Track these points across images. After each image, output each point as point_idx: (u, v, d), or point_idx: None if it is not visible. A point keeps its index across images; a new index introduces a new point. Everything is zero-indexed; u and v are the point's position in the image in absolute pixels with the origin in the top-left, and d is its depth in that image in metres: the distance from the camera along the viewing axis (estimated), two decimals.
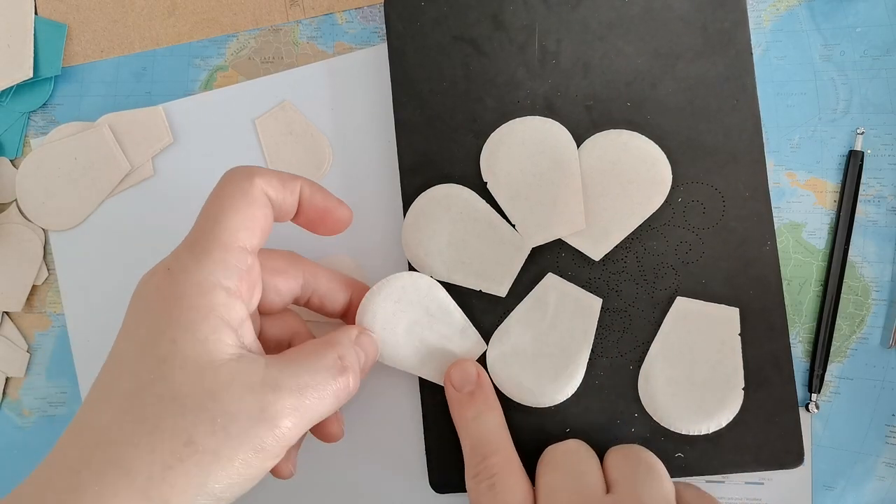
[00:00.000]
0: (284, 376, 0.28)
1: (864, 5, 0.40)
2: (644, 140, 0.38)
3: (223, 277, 0.28)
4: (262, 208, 0.30)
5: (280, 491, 0.39)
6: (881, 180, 0.39)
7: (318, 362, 0.29)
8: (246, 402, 0.26)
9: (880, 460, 0.38)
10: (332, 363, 0.30)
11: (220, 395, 0.26)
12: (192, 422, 0.26)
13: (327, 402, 0.29)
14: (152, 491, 0.25)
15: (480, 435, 0.34)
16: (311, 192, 0.32)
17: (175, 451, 0.25)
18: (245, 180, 0.30)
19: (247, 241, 0.29)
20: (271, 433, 0.27)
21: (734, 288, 0.37)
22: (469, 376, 0.36)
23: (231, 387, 0.27)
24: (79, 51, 0.43)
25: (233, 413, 0.26)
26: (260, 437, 0.26)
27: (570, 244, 0.37)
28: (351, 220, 0.34)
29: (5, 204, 0.42)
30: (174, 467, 0.25)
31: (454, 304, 0.37)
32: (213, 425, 0.26)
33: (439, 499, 0.39)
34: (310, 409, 0.28)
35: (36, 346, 0.42)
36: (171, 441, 0.25)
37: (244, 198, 0.29)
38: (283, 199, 0.31)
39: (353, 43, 0.41)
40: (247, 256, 0.29)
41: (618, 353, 0.37)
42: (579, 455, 0.34)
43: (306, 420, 0.28)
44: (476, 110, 0.39)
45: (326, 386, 0.29)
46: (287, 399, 0.27)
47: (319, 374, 0.29)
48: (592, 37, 0.39)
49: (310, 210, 0.33)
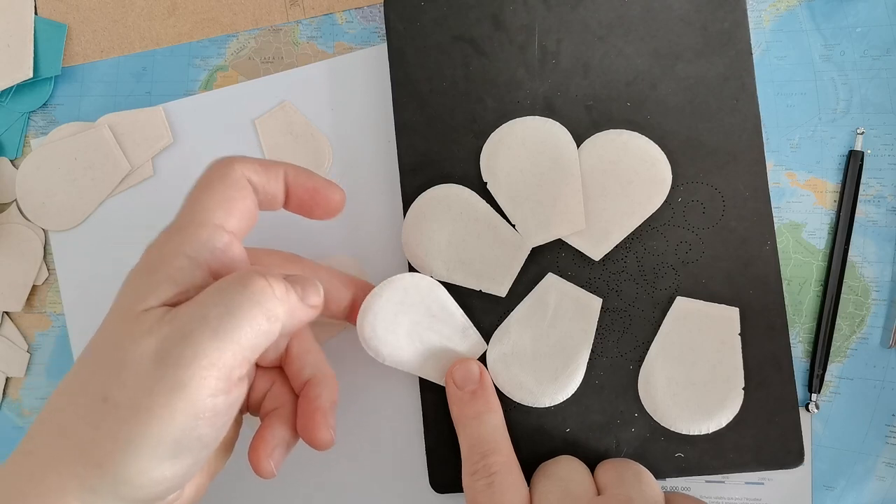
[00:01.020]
0: (185, 309, 0.26)
1: (864, 5, 0.40)
2: (644, 140, 0.38)
3: (188, 248, 0.27)
4: (241, 190, 0.30)
5: (280, 491, 0.39)
6: (881, 180, 0.39)
7: (224, 282, 0.27)
8: (144, 343, 0.25)
9: (880, 460, 0.38)
10: (239, 276, 0.27)
11: (122, 343, 0.25)
12: (104, 377, 0.25)
13: (244, 313, 0.26)
14: (86, 455, 0.24)
15: (480, 434, 0.34)
16: (296, 176, 0.32)
17: (96, 410, 0.25)
18: (224, 166, 0.30)
19: (222, 220, 0.29)
20: (181, 366, 0.25)
21: (734, 288, 0.37)
22: (472, 375, 0.36)
23: (132, 333, 0.25)
24: (79, 51, 0.43)
25: (134, 359, 0.25)
26: (169, 374, 0.24)
27: (571, 244, 0.37)
28: (344, 200, 0.33)
29: (5, 204, 0.42)
30: (98, 427, 0.24)
31: (455, 304, 0.37)
32: (120, 376, 0.25)
33: (439, 499, 0.39)
34: (220, 327, 0.25)
35: (36, 346, 0.42)
36: (89, 400, 0.25)
37: (222, 181, 0.29)
38: (265, 182, 0.31)
39: (353, 43, 0.41)
40: (222, 234, 0.29)
41: (618, 353, 0.37)
42: (570, 465, 0.35)
43: (226, 341, 0.25)
44: (476, 110, 0.39)
45: (234, 296, 0.26)
46: (187, 326, 0.25)
47: (223, 291, 0.26)
48: (592, 37, 0.39)
49: (299, 192, 0.32)
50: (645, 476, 0.34)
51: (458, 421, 0.36)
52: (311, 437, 0.31)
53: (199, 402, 0.25)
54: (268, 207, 0.32)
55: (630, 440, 0.37)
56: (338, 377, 0.39)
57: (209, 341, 0.25)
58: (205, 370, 0.25)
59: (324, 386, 0.32)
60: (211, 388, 0.25)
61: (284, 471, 0.39)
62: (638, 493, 0.32)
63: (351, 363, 0.39)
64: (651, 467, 0.35)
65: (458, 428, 0.36)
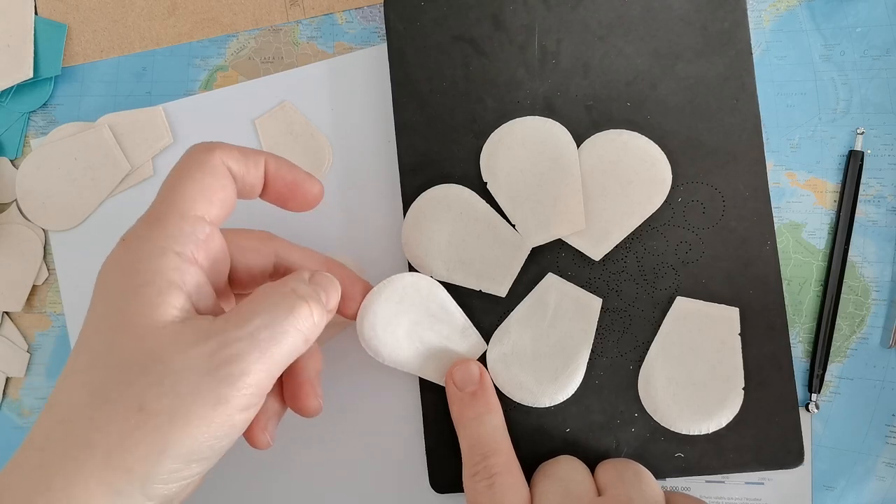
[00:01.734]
0: (231, 325, 0.27)
1: (864, 5, 0.40)
2: (644, 140, 0.38)
3: (175, 243, 0.27)
4: (221, 179, 0.29)
5: (280, 490, 0.39)
6: (881, 180, 0.39)
7: (268, 301, 0.28)
8: (190, 357, 0.26)
9: (880, 460, 0.38)
10: (284, 296, 0.28)
11: (163, 355, 0.26)
12: (141, 387, 0.25)
13: (288, 338, 0.27)
14: (114, 460, 0.24)
15: (481, 435, 0.34)
16: (277, 166, 0.32)
17: (129, 418, 0.25)
18: (204, 153, 0.29)
19: (204, 211, 0.29)
20: (226, 383, 0.26)
21: (734, 288, 0.37)
22: (472, 376, 0.36)
23: (175, 345, 0.26)
24: (79, 51, 0.43)
25: (178, 371, 0.25)
26: (213, 390, 0.25)
27: (570, 244, 0.37)
28: (322, 194, 0.33)
29: (5, 204, 0.42)
30: (131, 434, 0.25)
31: (455, 304, 0.37)
32: (161, 387, 0.25)
33: (439, 499, 0.39)
34: (267, 349, 0.27)
35: (36, 346, 0.42)
36: (123, 409, 0.25)
37: (201, 168, 0.29)
38: (245, 171, 0.30)
39: (353, 43, 0.41)
40: (205, 226, 0.29)
41: (618, 353, 0.37)
42: (571, 465, 0.35)
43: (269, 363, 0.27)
44: (476, 110, 0.39)
45: (282, 321, 0.27)
46: (235, 345, 0.26)
47: (271, 312, 0.27)
48: (592, 37, 0.39)
49: (277, 183, 0.32)
50: (645, 476, 0.34)
51: (458, 421, 0.36)
52: (300, 406, 0.32)
53: (234, 416, 0.26)
54: (245, 196, 0.32)
55: (630, 440, 0.37)
56: (338, 377, 0.39)
57: (256, 363, 0.26)
58: (246, 388, 0.26)
59: (308, 356, 0.32)
60: (245, 404, 0.26)
61: (284, 471, 0.39)
62: (638, 492, 0.32)
63: (351, 363, 0.39)
64: (651, 467, 0.35)
65: (459, 428, 0.36)
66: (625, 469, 0.34)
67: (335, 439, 0.39)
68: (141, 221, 0.28)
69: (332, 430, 0.39)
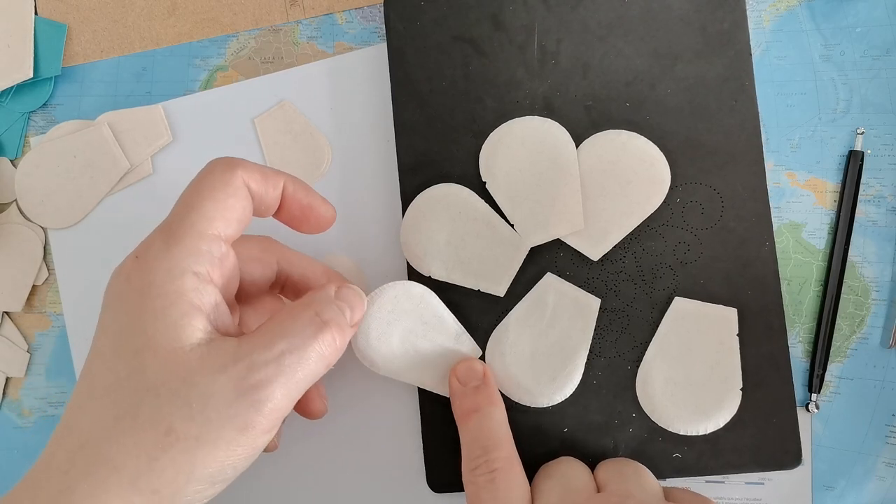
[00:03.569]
0: (258, 349, 0.27)
1: (864, 5, 0.40)
2: (643, 140, 0.38)
3: (194, 263, 0.27)
4: (242, 199, 0.29)
5: (280, 490, 0.39)
6: (881, 180, 0.39)
7: (294, 325, 0.28)
8: (219, 382, 0.26)
9: (880, 460, 0.38)
10: (309, 321, 0.29)
11: (192, 379, 0.26)
12: (169, 410, 0.25)
13: (311, 363, 0.28)
14: (141, 483, 0.25)
15: (482, 429, 0.34)
16: (294, 189, 0.32)
17: (157, 442, 0.25)
18: (227, 171, 0.29)
19: (222, 231, 0.29)
20: (253, 409, 0.26)
21: (732, 288, 0.37)
22: (475, 373, 0.36)
23: (203, 369, 0.26)
24: (79, 51, 0.43)
25: (207, 395, 0.26)
26: (241, 414, 0.26)
27: (569, 244, 0.37)
28: (334, 219, 0.33)
29: (5, 204, 0.42)
30: (159, 458, 0.25)
31: (447, 311, 0.36)
32: (190, 410, 0.25)
33: (438, 498, 0.39)
34: (292, 375, 0.27)
35: (36, 346, 0.42)
36: (152, 432, 0.25)
37: (224, 188, 0.29)
38: (264, 192, 0.30)
39: (353, 43, 0.42)
40: (221, 245, 0.29)
41: (616, 354, 0.37)
42: (571, 464, 0.35)
43: (292, 388, 0.27)
44: (476, 110, 0.39)
45: (306, 347, 0.28)
46: (263, 370, 0.27)
47: (296, 338, 0.28)
48: (592, 37, 0.39)
49: (293, 206, 0.32)
50: (644, 472, 0.34)
51: (460, 416, 0.35)
52: (306, 409, 0.34)
53: (258, 439, 0.27)
54: (259, 216, 0.32)
55: (628, 440, 0.37)
56: (336, 378, 0.39)
57: (282, 388, 0.27)
58: (272, 413, 0.27)
59: None
60: (269, 427, 0.27)
61: (284, 470, 0.39)
62: (637, 487, 0.33)
63: (349, 364, 0.39)
64: (649, 468, 0.35)
65: (460, 423, 0.35)
66: (624, 466, 0.34)
67: (333, 439, 0.39)
68: (156, 236, 0.28)
69: (329, 430, 0.39)
